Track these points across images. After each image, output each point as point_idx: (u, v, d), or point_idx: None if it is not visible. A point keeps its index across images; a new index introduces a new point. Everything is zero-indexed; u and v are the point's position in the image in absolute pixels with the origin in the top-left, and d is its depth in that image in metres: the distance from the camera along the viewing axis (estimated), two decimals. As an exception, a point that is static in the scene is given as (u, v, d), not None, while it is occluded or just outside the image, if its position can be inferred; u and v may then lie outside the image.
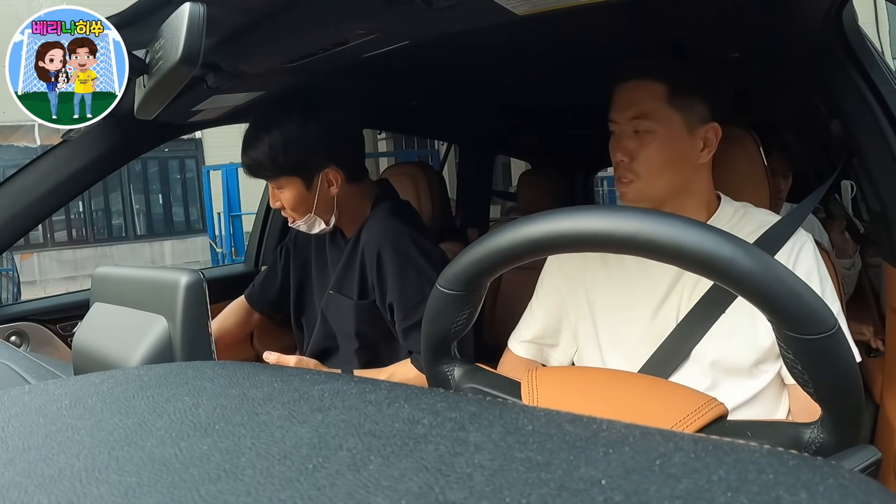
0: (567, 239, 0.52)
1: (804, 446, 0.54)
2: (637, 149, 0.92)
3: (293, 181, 1.22)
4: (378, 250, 1.22)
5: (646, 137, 0.91)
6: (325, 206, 1.25)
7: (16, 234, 1.32)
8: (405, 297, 1.20)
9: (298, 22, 0.88)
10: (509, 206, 3.53)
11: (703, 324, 0.88)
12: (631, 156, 0.92)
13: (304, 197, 1.23)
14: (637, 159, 0.92)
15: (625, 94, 0.94)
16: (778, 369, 0.87)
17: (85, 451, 0.25)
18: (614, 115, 0.94)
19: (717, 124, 0.93)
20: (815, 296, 0.49)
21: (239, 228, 7.89)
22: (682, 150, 0.92)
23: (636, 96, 0.92)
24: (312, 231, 1.29)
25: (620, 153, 0.93)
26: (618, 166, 0.94)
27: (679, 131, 0.91)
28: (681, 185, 0.93)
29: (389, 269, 1.21)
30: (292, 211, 1.25)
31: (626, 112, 0.93)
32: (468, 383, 0.65)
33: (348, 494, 0.20)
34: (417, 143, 8.71)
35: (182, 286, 0.54)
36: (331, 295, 1.31)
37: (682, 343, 0.88)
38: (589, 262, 0.99)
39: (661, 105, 0.91)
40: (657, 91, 0.91)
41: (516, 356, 1.04)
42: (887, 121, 1.01)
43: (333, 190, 1.24)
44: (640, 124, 0.91)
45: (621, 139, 0.93)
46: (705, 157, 0.93)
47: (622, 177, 0.93)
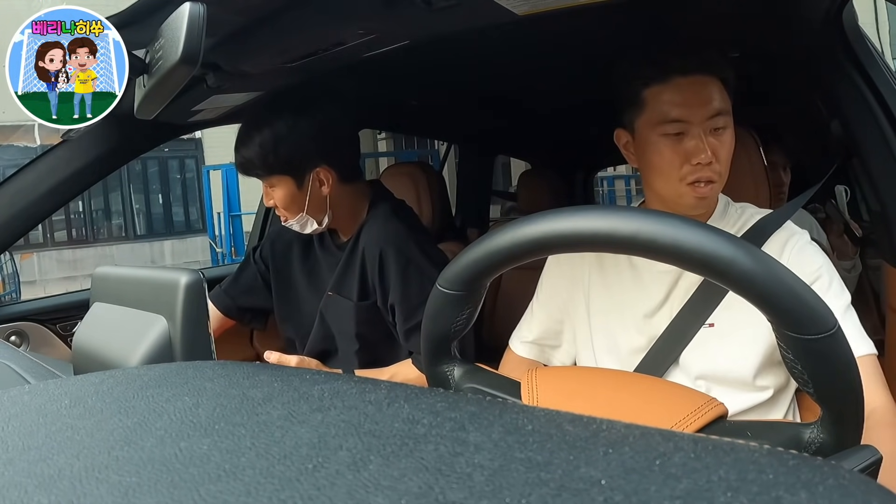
0: (567, 239, 0.52)
1: (804, 446, 0.54)
2: (718, 147, 0.87)
3: (284, 180, 1.22)
4: (380, 251, 1.22)
5: (724, 134, 0.88)
6: (316, 206, 1.25)
7: (16, 234, 1.33)
8: (407, 299, 1.20)
9: (298, 22, 0.88)
10: (509, 206, 3.53)
11: (687, 331, 0.87)
12: (716, 155, 0.87)
13: (296, 196, 1.23)
14: (720, 159, 0.87)
15: (699, 90, 0.87)
16: (778, 382, 0.86)
17: (85, 451, 0.25)
18: (683, 114, 0.87)
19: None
20: (814, 295, 0.49)
21: (239, 228, 7.90)
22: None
23: (710, 93, 0.87)
24: (305, 231, 1.28)
25: (705, 154, 0.85)
26: (696, 169, 0.86)
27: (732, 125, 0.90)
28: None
29: (392, 269, 1.21)
30: (284, 210, 1.25)
31: (706, 110, 0.86)
32: (468, 383, 0.65)
33: (348, 494, 0.20)
34: (417, 143, 8.72)
35: (182, 286, 0.54)
36: (330, 297, 1.31)
37: (667, 350, 0.88)
38: (587, 263, 0.98)
39: (728, 100, 0.89)
40: (719, 86, 0.88)
41: (517, 356, 1.04)
42: (887, 121, 1.01)
43: (325, 189, 1.23)
44: (718, 121, 0.87)
45: (699, 138, 0.86)
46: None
47: (704, 179, 0.87)
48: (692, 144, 0.86)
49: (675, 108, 0.87)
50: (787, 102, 1.85)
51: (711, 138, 0.87)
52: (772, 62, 1.39)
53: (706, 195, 0.88)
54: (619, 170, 8.58)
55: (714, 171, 0.86)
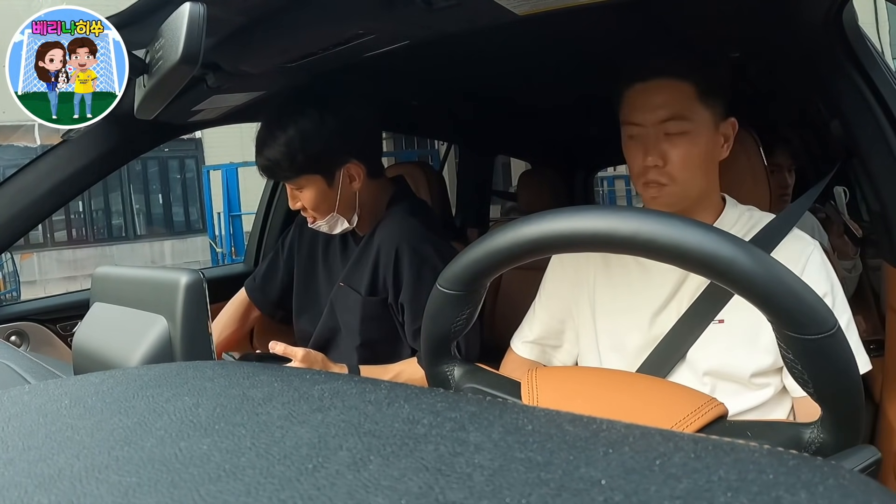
0: (567, 239, 0.52)
1: (804, 446, 0.54)
2: (670, 151, 0.88)
3: (314, 179, 1.18)
4: (396, 248, 1.20)
5: (679, 139, 0.88)
6: (347, 204, 1.22)
7: (16, 234, 1.32)
8: (418, 299, 1.19)
9: (298, 22, 0.88)
10: (509, 206, 3.53)
11: (696, 328, 0.87)
12: (665, 159, 0.88)
13: (326, 195, 1.19)
14: (671, 162, 0.88)
15: (651, 95, 0.89)
16: (779, 383, 0.86)
17: (85, 451, 0.25)
18: (637, 118, 0.90)
19: (733, 118, 0.93)
20: (814, 296, 0.49)
21: (239, 228, 7.89)
22: (711, 149, 0.91)
23: (667, 97, 0.89)
24: (335, 231, 1.26)
25: (652, 156, 0.88)
26: (646, 171, 0.90)
27: (709, 130, 0.90)
28: (709, 184, 0.92)
29: (406, 268, 1.20)
30: (314, 211, 1.21)
31: (656, 114, 0.89)
32: (468, 383, 0.65)
33: (348, 494, 0.20)
34: (417, 143, 8.71)
35: (182, 286, 0.54)
36: (341, 287, 1.29)
37: (675, 347, 0.88)
38: (592, 264, 0.98)
39: (695, 104, 0.89)
40: (688, 90, 0.88)
41: (519, 356, 1.04)
42: (887, 121, 1.01)
43: (356, 185, 1.21)
44: (674, 125, 0.88)
45: (650, 142, 0.89)
46: (725, 152, 0.93)
47: (653, 181, 0.89)
48: (642, 147, 0.90)
49: (633, 112, 0.91)
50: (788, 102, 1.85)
51: (663, 143, 0.89)
52: (772, 62, 1.39)
53: (656, 197, 0.91)
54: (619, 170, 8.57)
55: (664, 175, 0.89)
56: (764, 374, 0.85)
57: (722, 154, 0.93)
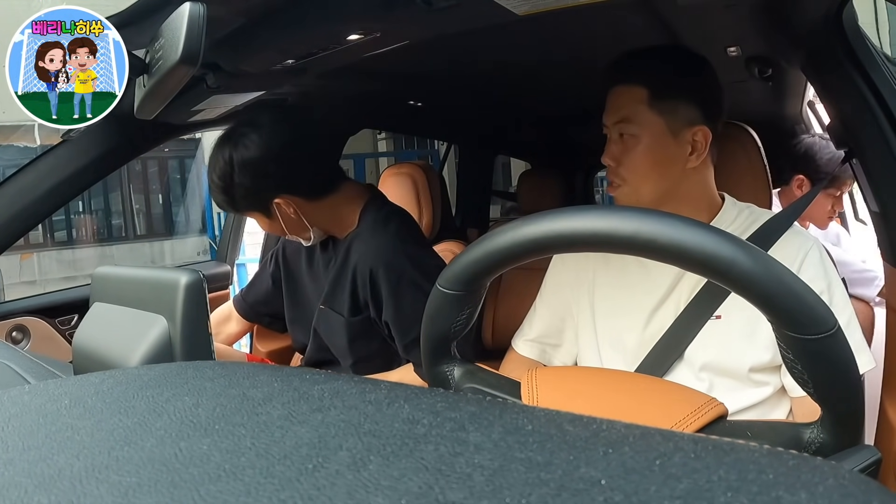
0: (567, 239, 0.52)
1: (804, 446, 0.54)
2: (621, 153, 0.92)
3: (254, 214, 1.25)
4: (370, 269, 1.19)
5: (629, 142, 0.92)
6: (295, 227, 1.24)
7: (16, 234, 1.33)
8: (401, 315, 1.19)
9: (298, 22, 0.88)
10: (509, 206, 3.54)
11: (693, 325, 0.87)
12: (617, 160, 0.92)
13: (272, 224, 1.24)
14: (622, 164, 0.92)
15: (611, 99, 0.94)
16: (779, 382, 0.87)
17: (85, 451, 0.25)
18: (604, 119, 0.95)
19: (705, 127, 0.91)
20: (814, 296, 0.49)
21: (239, 228, 7.88)
22: (666, 155, 0.91)
23: (621, 101, 0.93)
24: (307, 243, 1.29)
25: (608, 158, 0.94)
26: (608, 171, 0.95)
27: (661, 135, 0.90)
28: (668, 189, 0.92)
29: (384, 287, 1.19)
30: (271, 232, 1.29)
31: (612, 117, 0.93)
32: (468, 383, 0.65)
33: (348, 494, 0.20)
34: (417, 143, 8.71)
35: (182, 286, 0.54)
36: (322, 310, 1.29)
37: (674, 344, 0.88)
38: (592, 262, 0.99)
39: (642, 109, 0.90)
40: (639, 95, 0.91)
41: (520, 356, 1.04)
42: (887, 121, 1.01)
43: (292, 214, 1.21)
44: (624, 128, 0.92)
45: (609, 144, 0.94)
46: (694, 161, 0.91)
47: (612, 181, 0.95)
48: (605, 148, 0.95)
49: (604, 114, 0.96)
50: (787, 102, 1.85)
51: (617, 145, 0.93)
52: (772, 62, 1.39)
53: (616, 197, 0.95)
54: (619, 170, 8.56)
55: (617, 175, 0.93)
56: (762, 370, 0.86)
57: (689, 162, 0.91)
